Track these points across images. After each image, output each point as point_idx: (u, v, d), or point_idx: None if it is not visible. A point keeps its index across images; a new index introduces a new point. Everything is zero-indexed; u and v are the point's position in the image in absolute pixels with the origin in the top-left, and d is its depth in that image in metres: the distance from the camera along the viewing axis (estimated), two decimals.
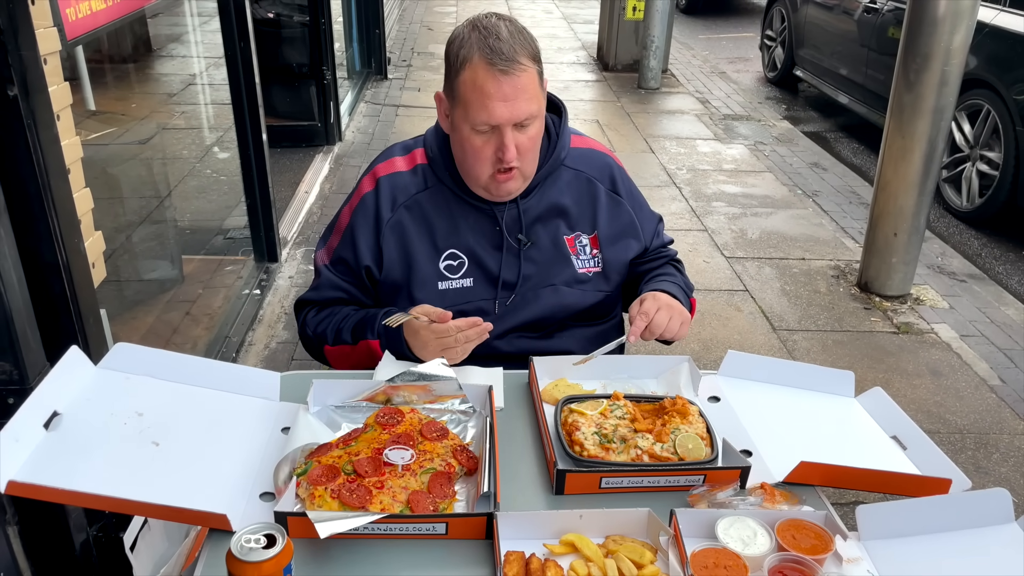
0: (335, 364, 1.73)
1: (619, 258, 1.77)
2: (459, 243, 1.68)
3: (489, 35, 1.50)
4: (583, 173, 1.75)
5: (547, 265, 1.71)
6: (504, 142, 1.53)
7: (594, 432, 1.37)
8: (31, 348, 1.48)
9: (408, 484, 1.26)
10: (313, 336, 1.72)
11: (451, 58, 1.55)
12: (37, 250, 1.50)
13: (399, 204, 1.68)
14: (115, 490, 1.13)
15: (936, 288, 4.07)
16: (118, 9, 2.31)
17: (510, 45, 1.49)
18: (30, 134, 1.43)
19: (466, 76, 1.51)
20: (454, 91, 1.55)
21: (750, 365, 1.63)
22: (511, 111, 1.51)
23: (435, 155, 1.69)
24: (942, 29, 3.49)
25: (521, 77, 1.50)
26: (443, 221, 1.68)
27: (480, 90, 1.50)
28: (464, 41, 1.52)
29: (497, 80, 1.49)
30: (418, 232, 1.67)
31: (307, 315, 1.75)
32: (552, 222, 1.72)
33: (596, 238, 1.75)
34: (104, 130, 3.62)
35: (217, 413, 1.39)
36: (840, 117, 7.21)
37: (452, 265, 1.68)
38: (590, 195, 1.75)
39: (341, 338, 1.67)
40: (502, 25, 1.52)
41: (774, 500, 1.27)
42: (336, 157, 5.56)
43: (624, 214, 1.78)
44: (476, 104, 1.51)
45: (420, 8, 11.29)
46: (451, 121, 1.60)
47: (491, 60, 1.48)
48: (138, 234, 3.55)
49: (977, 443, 2.93)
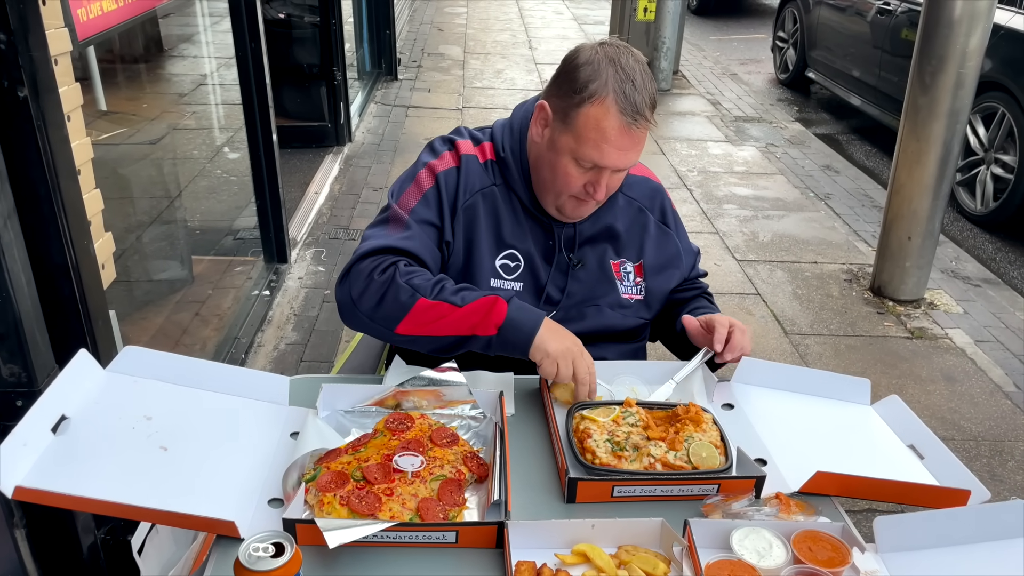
0: (410, 327, 1.47)
1: (662, 288, 1.75)
2: (519, 245, 1.65)
3: (626, 79, 1.45)
4: (635, 201, 1.73)
5: (592, 286, 1.68)
6: (600, 181, 1.51)
7: (606, 439, 1.35)
8: (40, 350, 1.47)
9: (418, 491, 1.24)
10: (406, 284, 1.46)
11: (576, 82, 1.47)
12: (47, 252, 1.49)
13: (475, 190, 1.62)
14: (122, 496, 1.12)
15: (950, 293, 4.03)
16: (130, 10, 2.31)
17: (642, 96, 1.46)
18: (40, 135, 1.42)
19: (591, 111, 1.46)
20: (569, 117, 1.49)
21: (764, 372, 1.61)
22: (623, 160, 1.49)
23: (507, 157, 1.63)
24: (958, 31, 3.45)
25: (643, 131, 1.48)
26: (509, 220, 1.64)
27: (602, 133, 1.46)
28: (597, 72, 1.46)
29: (622, 130, 1.45)
30: (486, 223, 1.62)
31: (399, 263, 1.50)
32: (601, 245, 1.69)
33: (641, 267, 1.73)
34: (115, 130, 3.63)
35: (226, 417, 1.38)
36: (852, 119, 7.17)
37: (508, 265, 1.65)
38: (640, 224, 1.73)
39: (442, 296, 1.46)
40: (637, 68, 1.48)
41: (789, 511, 1.25)
42: (346, 158, 5.56)
43: (671, 245, 1.76)
44: (592, 143, 1.47)
45: (431, 8, 11.29)
46: (550, 139, 1.54)
47: (623, 108, 1.44)
48: (149, 234, 3.55)
49: (992, 450, 2.90)
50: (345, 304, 1.51)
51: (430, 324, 1.47)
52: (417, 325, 1.47)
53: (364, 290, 1.48)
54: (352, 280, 1.50)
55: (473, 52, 8.86)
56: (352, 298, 1.49)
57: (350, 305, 1.50)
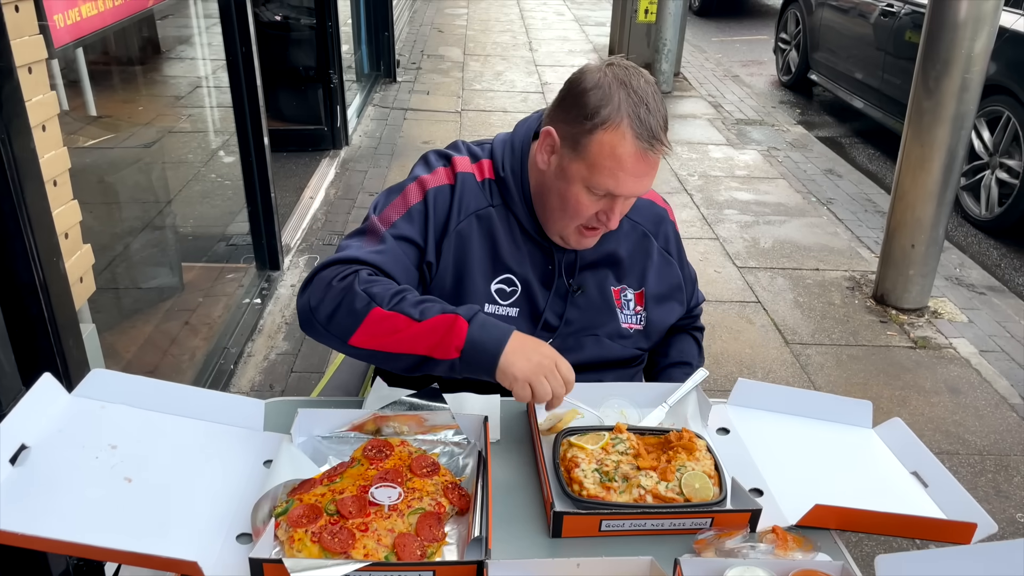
0: (364, 339, 1.37)
1: (663, 320, 1.68)
2: (517, 269, 1.56)
3: (640, 103, 1.37)
4: (640, 225, 1.65)
5: (592, 313, 1.61)
6: (614, 209, 1.44)
7: (594, 469, 1.29)
8: (5, 373, 1.41)
9: (395, 526, 1.18)
10: (363, 292, 1.37)
11: (586, 107, 1.39)
12: (12, 270, 1.43)
13: (470, 211, 1.54)
14: (80, 536, 1.06)
15: (954, 301, 3.96)
16: (111, 15, 2.25)
17: (656, 119, 1.38)
18: (4, 149, 1.36)
19: (605, 138, 1.38)
20: (580, 144, 1.40)
21: (761, 394, 1.55)
22: (638, 187, 1.43)
23: (507, 177, 1.55)
24: (963, 34, 3.38)
25: (659, 156, 1.41)
26: (506, 243, 1.55)
27: (618, 160, 1.38)
28: (609, 97, 1.38)
29: (638, 156, 1.38)
30: (481, 246, 1.54)
31: (360, 271, 1.42)
32: (602, 271, 1.62)
33: (643, 295, 1.65)
34: (107, 135, 3.57)
35: (196, 444, 1.32)
36: (855, 122, 7.10)
37: (504, 290, 1.57)
38: (643, 250, 1.65)
39: (400, 307, 1.36)
40: (649, 90, 1.40)
41: (786, 547, 1.19)
42: (342, 162, 5.50)
43: (673, 275, 1.69)
44: (607, 171, 1.39)
45: (431, 10, 11.23)
46: (558, 166, 1.45)
47: (639, 133, 1.37)
48: (139, 241, 3.50)
49: (997, 465, 2.83)
50: (303, 312, 1.43)
51: (384, 337, 1.36)
52: (371, 337, 1.36)
53: (322, 299, 1.40)
54: (313, 288, 1.43)
55: (473, 54, 8.80)
56: (310, 306, 1.41)
57: (308, 313, 1.42)
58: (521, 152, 1.56)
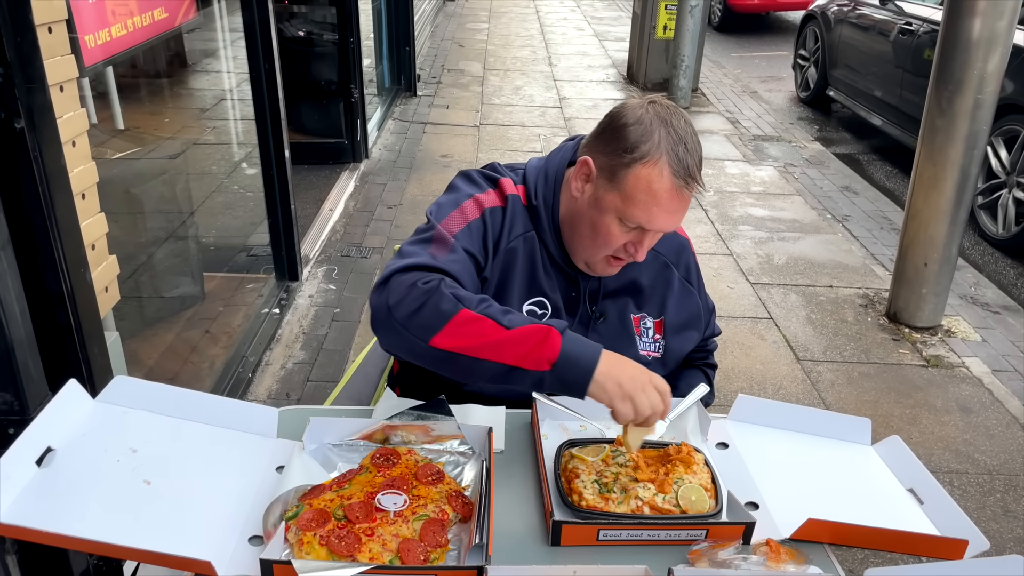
0: (447, 340, 1.32)
1: (681, 348, 1.71)
2: (550, 294, 1.61)
3: (679, 141, 1.41)
4: (662, 255, 1.69)
5: (612, 340, 1.63)
6: (643, 242, 1.48)
7: (594, 480, 1.33)
8: (32, 379, 1.48)
9: (399, 531, 1.23)
10: (450, 294, 1.34)
11: (626, 141, 1.42)
12: (42, 280, 1.50)
13: (519, 233, 1.57)
14: (101, 534, 1.12)
15: (968, 320, 3.96)
16: (140, 34, 2.34)
17: (693, 159, 1.43)
18: (36, 166, 1.44)
19: (643, 173, 1.41)
20: (617, 176, 1.43)
21: (762, 410, 1.58)
22: (670, 223, 1.46)
23: (539, 205, 1.58)
24: (976, 54, 3.40)
25: (692, 194, 1.45)
26: (541, 267, 1.60)
27: (654, 196, 1.41)
28: (649, 133, 1.42)
29: (673, 192, 1.42)
30: (523, 267, 1.58)
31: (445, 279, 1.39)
32: (623, 299, 1.66)
33: (661, 324, 1.69)
34: (134, 147, 3.67)
35: (212, 450, 1.38)
36: (873, 139, 7.10)
37: (535, 312, 1.60)
38: (664, 279, 1.69)
39: (488, 312, 1.33)
40: (688, 131, 1.44)
41: (779, 559, 1.22)
42: (362, 175, 5.59)
43: (693, 304, 1.72)
44: (642, 205, 1.43)
45: (452, 24, 11.36)
46: (593, 195, 1.48)
47: (676, 171, 1.41)
48: (162, 251, 3.58)
49: (1007, 485, 2.83)
50: (380, 310, 1.39)
51: (471, 340, 1.31)
52: (456, 338, 1.31)
53: (403, 297, 1.35)
54: (391, 288, 1.37)
55: (493, 68, 8.90)
56: (388, 304, 1.36)
57: (385, 311, 1.37)
58: (555, 181, 1.59)
